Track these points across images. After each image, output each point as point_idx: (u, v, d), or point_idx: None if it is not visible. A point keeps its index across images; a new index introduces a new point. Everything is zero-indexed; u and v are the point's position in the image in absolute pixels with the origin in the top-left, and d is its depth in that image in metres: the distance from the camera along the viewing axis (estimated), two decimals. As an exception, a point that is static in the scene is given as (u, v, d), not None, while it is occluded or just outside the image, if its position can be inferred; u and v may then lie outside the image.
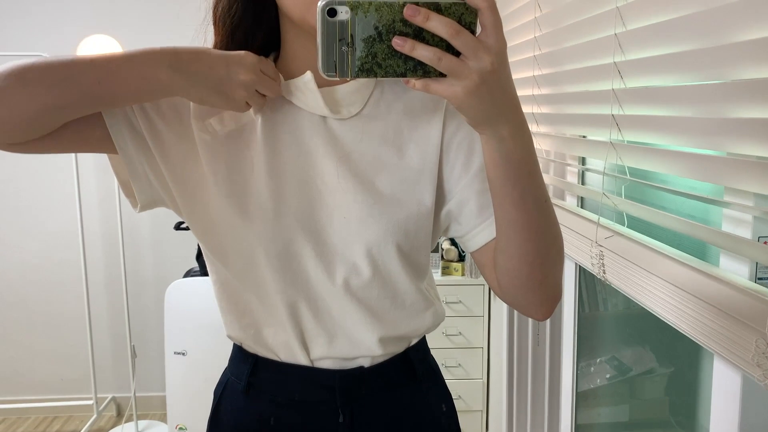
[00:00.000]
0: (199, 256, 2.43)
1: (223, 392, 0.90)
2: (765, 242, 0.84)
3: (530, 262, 0.70)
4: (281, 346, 0.82)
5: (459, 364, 2.65)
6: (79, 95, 0.66)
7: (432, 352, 0.94)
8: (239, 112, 0.76)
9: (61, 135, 0.71)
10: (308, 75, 0.76)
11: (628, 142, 1.09)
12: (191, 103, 0.78)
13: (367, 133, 0.78)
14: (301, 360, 0.82)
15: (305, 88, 0.76)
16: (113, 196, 2.86)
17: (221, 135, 0.78)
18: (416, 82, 0.55)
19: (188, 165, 0.78)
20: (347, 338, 0.81)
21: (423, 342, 0.90)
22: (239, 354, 0.88)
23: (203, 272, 2.44)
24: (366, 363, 0.83)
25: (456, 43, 0.52)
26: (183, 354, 2.36)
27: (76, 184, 2.70)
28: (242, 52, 0.71)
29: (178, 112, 0.78)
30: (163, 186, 0.80)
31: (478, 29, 0.54)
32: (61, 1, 2.79)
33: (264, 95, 0.74)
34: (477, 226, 0.78)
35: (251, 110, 0.78)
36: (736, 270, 0.88)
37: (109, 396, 3.11)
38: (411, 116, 0.79)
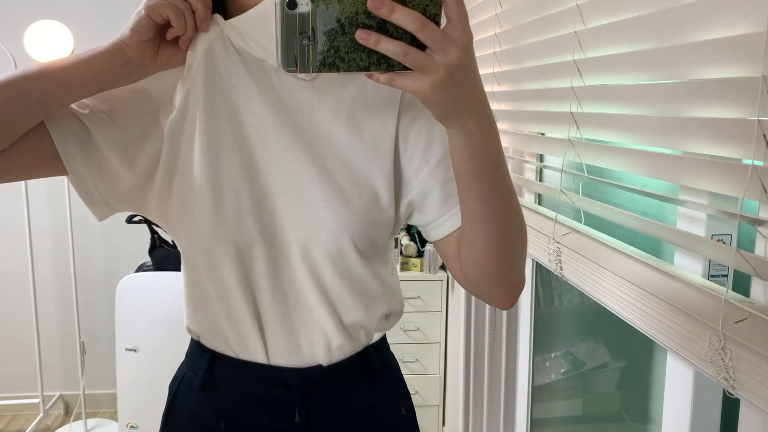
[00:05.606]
0: (152, 251, 2.37)
1: (178, 387, 0.87)
2: (718, 240, 0.85)
3: (496, 254, 0.69)
4: (238, 342, 0.80)
5: (416, 359, 2.66)
6: (27, 90, 0.64)
7: (390, 347, 0.92)
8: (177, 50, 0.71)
9: (10, 160, 0.68)
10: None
11: (586, 139, 1.10)
12: (159, 100, 0.75)
13: (318, 106, 0.75)
14: (258, 357, 0.80)
15: (264, 16, 0.69)
16: (62, 186, 2.76)
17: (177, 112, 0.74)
18: (381, 77, 0.54)
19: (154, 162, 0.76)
20: (306, 331, 0.79)
21: (383, 340, 0.89)
22: (197, 348, 0.85)
23: (156, 267, 2.38)
24: (324, 361, 0.81)
25: (422, 37, 0.51)
26: (134, 350, 2.30)
27: (22, 174, 2.59)
28: None
29: (153, 113, 0.75)
30: (128, 198, 0.78)
31: (443, 21, 0.52)
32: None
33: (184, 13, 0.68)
34: (441, 216, 0.76)
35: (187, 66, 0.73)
36: (689, 267, 0.90)
37: (57, 394, 3.02)
38: (365, 99, 0.76)
